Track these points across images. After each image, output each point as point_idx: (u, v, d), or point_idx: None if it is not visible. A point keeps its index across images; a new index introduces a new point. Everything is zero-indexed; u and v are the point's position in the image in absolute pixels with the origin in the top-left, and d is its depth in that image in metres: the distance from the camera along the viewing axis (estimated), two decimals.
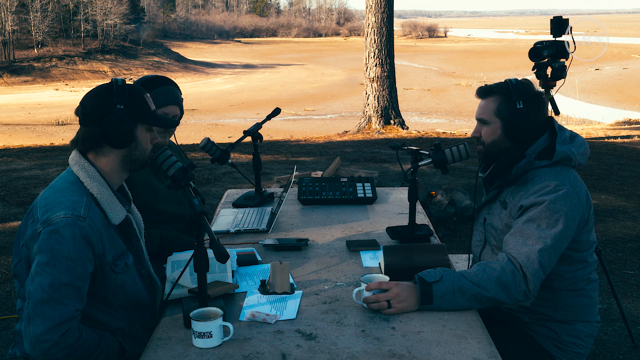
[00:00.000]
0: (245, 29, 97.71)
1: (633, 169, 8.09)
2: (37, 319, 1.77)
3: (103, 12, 54.65)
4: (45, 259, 1.79)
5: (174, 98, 2.67)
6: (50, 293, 1.78)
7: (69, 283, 1.80)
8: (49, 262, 1.79)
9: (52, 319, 1.77)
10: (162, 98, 2.62)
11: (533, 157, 2.26)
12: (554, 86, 4.73)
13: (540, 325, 2.30)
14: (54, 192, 1.92)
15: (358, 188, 3.20)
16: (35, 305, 1.78)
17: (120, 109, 1.92)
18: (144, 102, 1.98)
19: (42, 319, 1.77)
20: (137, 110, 1.96)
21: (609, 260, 4.75)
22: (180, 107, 2.70)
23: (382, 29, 12.00)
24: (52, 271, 1.79)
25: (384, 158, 8.71)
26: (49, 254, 1.79)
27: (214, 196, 6.58)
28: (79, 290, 1.83)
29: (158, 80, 2.67)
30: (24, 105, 30.26)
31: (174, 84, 2.73)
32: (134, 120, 1.96)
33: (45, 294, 1.77)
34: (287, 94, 32.36)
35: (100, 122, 1.92)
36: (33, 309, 1.78)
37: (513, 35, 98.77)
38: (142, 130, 2.00)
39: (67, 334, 1.79)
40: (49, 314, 1.77)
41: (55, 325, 1.77)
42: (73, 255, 1.81)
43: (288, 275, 2.16)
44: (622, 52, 49.75)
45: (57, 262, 1.79)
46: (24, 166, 8.50)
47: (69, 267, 1.80)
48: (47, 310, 1.77)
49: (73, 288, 1.81)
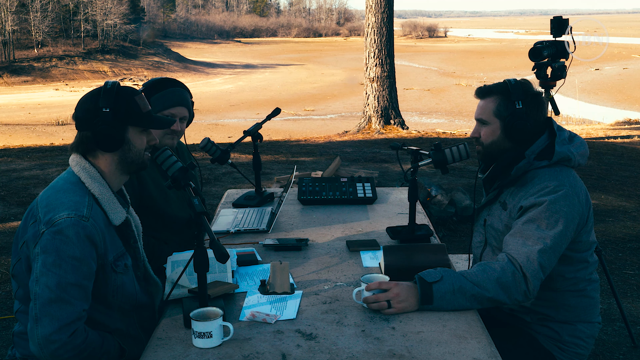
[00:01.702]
0: (245, 29, 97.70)
1: (633, 169, 8.09)
2: (46, 320, 1.76)
3: (103, 12, 54.66)
4: (51, 259, 1.79)
5: (181, 99, 2.66)
6: (57, 293, 1.77)
7: (75, 283, 1.80)
8: (54, 262, 1.79)
9: (60, 319, 1.77)
10: (168, 99, 2.62)
11: (532, 158, 2.26)
12: (554, 86, 4.74)
13: (542, 326, 2.31)
14: (55, 193, 1.92)
15: (358, 188, 3.20)
16: (43, 306, 1.77)
17: (107, 112, 1.91)
18: (133, 103, 1.96)
19: (50, 319, 1.76)
20: (125, 112, 1.94)
21: (609, 260, 4.75)
22: (188, 108, 2.70)
23: (382, 29, 12.00)
24: (58, 271, 1.79)
25: (384, 158, 8.71)
26: (55, 254, 1.79)
27: (214, 196, 6.58)
28: (85, 289, 1.83)
29: (165, 82, 2.66)
30: (24, 105, 30.27)
31: (183, 85, 2.72)
32: (123, 122, 1.95)
33: (53, 294, 1.77)
34: (287, 94, 32.36)
35: (91, 125, 1.93)
36: (41, 309, 1.77)
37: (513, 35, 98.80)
38: (134, 132, 1.99)
39: (75, 335, 1.79)
40: (57, 314, 1.77)
41: (64, 325, 1.77)
42: (78, 255, 1.81)
43: (288, 275, 2.16)
44: (622, 52, 49.75)
45: (62, 262, 1.79)
46: (24, 166, 8.50)
47: (75, 267, 1.80)
48: (55, 311, 1.77)
49: (80, 287, 1.81)
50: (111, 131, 1.92)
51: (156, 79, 2.68)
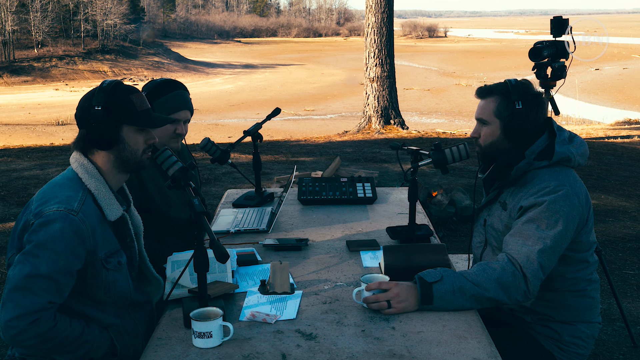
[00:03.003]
0: (245, 29, 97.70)
1: (633, 169, 8.09)
2: (9, 305, 1.80)
3: (103, 12, 54.66)
4: (31, 248, 1.82)
5: (185, 102, 2.67)
6: (24, 282, 1.80)
7: (46, 275, 1.81)
8: (32, 251, 1.82)
9: (22, 307, 1.79)
10: (175, 103, 2.62)
11: (532, 158, 2.26)
12: (554, 86, 4.73)
13: (542, 326, 2.31)
14: (51, 187, 1.96)
15: (358, 188, 3.20)
16: (9, 291, 1.81)
17: (98, 111, 1.93)
18: (128, 102, 1.98)
19: (13, 305, 1.79)
20: (118, 111, 1.96)
21: (609, 260, 4.75)
22: (191, 110, 2.71)
23: (382, 29, 12.00)
24: (33, 261, 1.81)
25: (384, 158, 8.71)
26: (35, 244, 1.83)
27: (214, 196, 6.58)
28: (56, 283, 1.84)
29: (169, 85, 2.66)
30: (24, 105, 30.28)
31: (183, 87, 2.72)
32: (117, 121, 1.96)
33: (20, 282, 1.80)
34: (287, 94, 32.36)
35: (85, 123, 1.97)
36: (7, 294, 1.81)
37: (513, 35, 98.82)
38: (129, 130, 2.00)
39: (37, 323, 1.80)
40: (20, 301, 1.79)
41: (25, 313, 1.79)
42: (58, 249, 1.83)
43: (288, 275, 2.16)
44: (622, 52, 49.75)
45: (40, 253, 1.82)
46: (24, 166, 8.50)
47: (52, 259, 1.82)
48: (19, 298, 1.80)
49: (50, 280, 1.82)
50: (103, 129, 1.94)
51: (156, 82, 2.67)
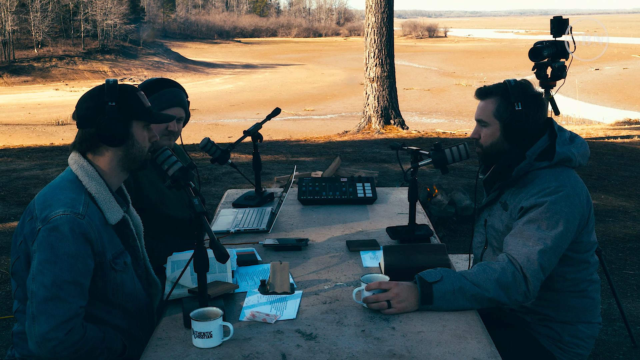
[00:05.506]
0: (245, 29, 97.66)
1: (633, 169, 8.09)
2: (42, 318, 1.77)
3: (103, 12, 54.66)
4: (47, 256, 1.80)
5: (178, 100, 2.66)
6: (53, 291, 1.78)
7: (71, 280, 1.80)
8: (50, 259, 1.80)
9: (56, 317, 1.77)
10: (165, 100, 2.62)
11: (533, 159, 2.25)
12: (554, 86, 4.73)
13: (542, 326, 2.30)
14: (52, 190, 1.94)
15: (358, 188, 3.20)
16: (39, 304, 1.78)
17: (112, 106, 1.94)
18: (136, 99, 2.00)
19: (47, 317, 1.77)
20: (130, 107, 1.98)
21: (609, 260, 4.75)
22: (185, 108, 2.70)
23: (382, 29, 12.00)
24: (53, 269, 1.79)
25: (384, 158, 8.71)
26: (50, 252, 1.80)
27: (214, 196, 6.58)
28: (81, 287, 1.84)
29: (161, 83, 2.66)
30: (24, 105, 30.28)
31: (179, 85, 2.72)
32: (128, 117, 1.97)
33: (49, 292, 1.78)
34: (287, 94, 32.37)
35: (95, 121, 1.94)
36: (37, 307, 1.78)
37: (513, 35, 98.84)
38: (138, 127, 2.01)
39: (72, 332, 1.80)
40: (53, 312, 1.78)
41: (60, 323, 1.78)
42: (74, 252, 1.82)
43: (288, 275, 2.16)
44: (622, 52, 49.76)
45: (58, 260, 1.80)
46: (24, 166, 8.50)
47: (71, 264, 1.81)
48: (51, 308, 1.78)
49: (75, 285, 1.82)
50: (117, 125, 1.94)
51: (151, 80, 2.67)
